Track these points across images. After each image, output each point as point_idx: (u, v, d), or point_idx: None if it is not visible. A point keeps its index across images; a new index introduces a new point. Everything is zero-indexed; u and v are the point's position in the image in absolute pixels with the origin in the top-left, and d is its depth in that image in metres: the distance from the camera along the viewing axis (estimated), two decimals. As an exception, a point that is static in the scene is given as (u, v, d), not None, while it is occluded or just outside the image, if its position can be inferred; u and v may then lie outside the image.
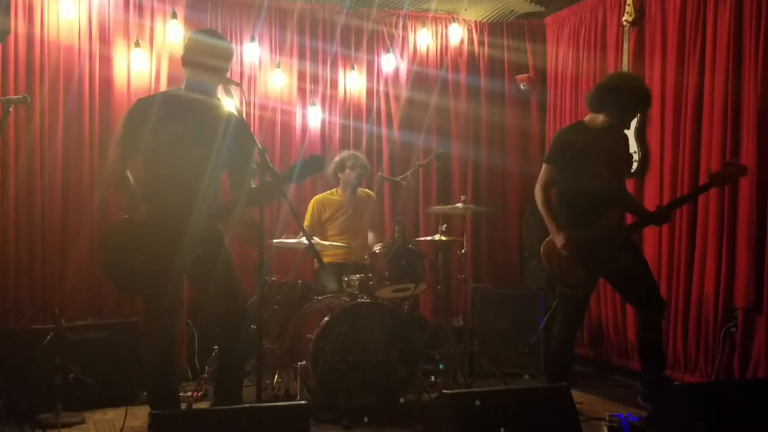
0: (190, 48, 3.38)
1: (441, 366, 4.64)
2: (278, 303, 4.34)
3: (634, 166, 4.87)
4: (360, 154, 5.14)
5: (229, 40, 5.36)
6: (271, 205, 5.28)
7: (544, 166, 3.91)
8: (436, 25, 6.06)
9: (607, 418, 3.77)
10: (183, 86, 3.40)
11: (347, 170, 5.02)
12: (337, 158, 5.12)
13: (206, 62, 3.30)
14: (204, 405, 4.14)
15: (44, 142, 4.71)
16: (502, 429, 2.72)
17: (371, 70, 5.88)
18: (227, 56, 3.42)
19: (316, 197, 5.15)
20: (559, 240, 3.77)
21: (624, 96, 3.81)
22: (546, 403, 2.95)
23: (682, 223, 4.53)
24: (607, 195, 3.85)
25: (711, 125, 4.38)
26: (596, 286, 3.94)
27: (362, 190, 5.19)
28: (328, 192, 5.15)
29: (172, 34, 5.03)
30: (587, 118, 3.95)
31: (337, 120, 5.77)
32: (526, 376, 5.01)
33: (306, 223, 5.03)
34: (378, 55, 5.88)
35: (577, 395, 3.68)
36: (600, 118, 3.88)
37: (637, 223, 4.04)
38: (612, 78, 4.02)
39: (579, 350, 5.39)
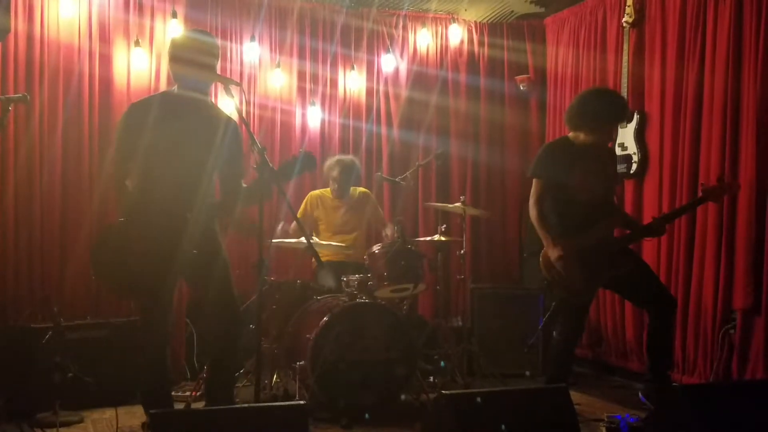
0: (179, 45, 3.37)
1: (443, 363, 4.63)
2: (277, 303, 4.34)
3: (633, 167, 4.87)
4: (348, 163, 5.06)
5: (228, 39, 5.39)
6: (270, 204, 5.31)
7: (534, 181, 3.90)
8: (436, 25, 6.06)
9: (606, 419, 3.77)
10: (176, 87, 3.39)
11: (331, 181, 5.06)
12: (326, 164, 5.11)
13: (197, 59, 3.28)
14: (202, 404, 4.14)
15: (44, 140, 4.70)
16: (502, 426, 2.72)
17: (371, 70, 5.88)
18: (216, 52, 3.40)
19: (312, 192, 5.16)
20: (554, 254, 3.77)
21: (597, 115, 3.85)
22: (545, 404, 2.96)
23: (681, 224, 4.53)
24: (597, 205, 3.86)
25: (710, 126, 4.38)
26: (597, 293, 3.94)
27: (356, 190, 5.18)
28: (324, 189, 5.16)
29: (173, 33, 5.03)
30: (570, 134, 3.97)
31: (336, 120, 5.78)
32: (527, 373, 5.01)
33: (298, 215, 5.02)
34: (378, 55, 5.89)
35: (575, 396, 3.68)
36: (581, 136, 3.91)
37: (630, 236, 4.02)
38: (583, 97, 4.00)
39: (578, 351, 5.35)
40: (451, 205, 4.85)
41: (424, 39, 5.99)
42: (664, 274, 4.65)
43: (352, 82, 5.82)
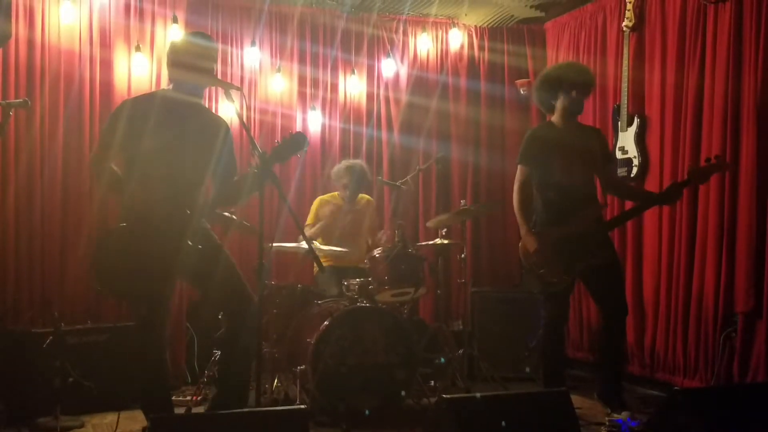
0: (179, 50, 3.37)
1: (442, 359, 4.64)
2: (278, 307, 4.33)
3: (634, 171, 4.87)
4: (360, 170, 5.08)
5: (229, 44, 5.41)
6: (271, 209, 5.32)
7: (518, 167, 3.97)
8: (437, 29, 6.07)
9: (607, 423, 3.77)
10: (171, 87, 3.38)
11: (341, 187, 5.06)
12: (334, 170, 5.13)
13: (196, 63, 3.29)
14: (203, 409, 4.14)
15: (44, 146, 4.71)
16: (503, 422, 2.73)
17: (371, 75, 5.89)
18: (214, 55, 3.44)
19: (321, 197, 5.19)
20: (530, 244, 3.82)
21: (557, 82, 3.93)
22: (546, 408, 2.95)
23: (682, 227, 4.53)
24: (581, 191, 3.89)
25: (711, 130, 4.38)
26: (574, 282, 3.96)
27: (362, 197, 5.20)
28: (330, 195, 5.17)
29: (173, 38, 5.04)
30: (553, 116, 4.03)
31: (337, 124, 5.79)
32: (527, 369, 4.99)
33: (309, 221, 5.05)
34: (378, 60, 5.90)
35: (576, 400, 3.68)
36: (558, 108, 3.96)
37: (641, 206, 4.05)
38: (546, 70, 4.14)
39: (579, 354, 5.39)
40: (452, 213, 4.84)
41: (424, 43, 5.99)
42: (665, 277, 4.65)
43: (353, 87, 5.82)
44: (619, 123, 4.97)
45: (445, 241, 4.72)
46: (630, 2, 4.91)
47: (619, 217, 4.31)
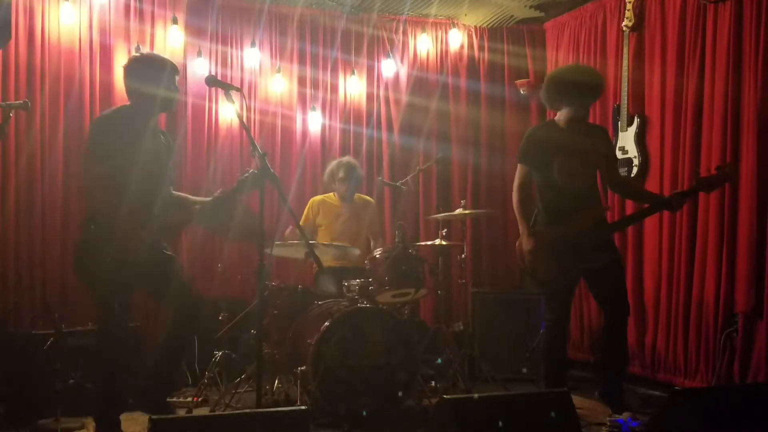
0: (161, 66, 3.46)
1: (439, 360, 4.64)
2: (278, 308, 4.33)
3: (634, 171, 4.87)
4: (351, 163, 5.09)
5: (229, 45, 5.43)
6: (271, 209, 5.31)
7: (518, 166, 3.95)
8: (436, 30, 6.07)
9: (608, 423, 3.77)
10: (134, 102, 3.47)
11: (338, 183, 5.04)
12: (329, 168, 5.13)
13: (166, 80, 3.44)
14: (204, 410, 4.14)
15: (45, 146, 4.72)
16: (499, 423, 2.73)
17: (371, 75, 5.90)
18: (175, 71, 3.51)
19: (314, 198, 5.17)
20: (527, 243, 3.81)
21: (572, 87, 3.86)
22: (547, 409, 2.95)
23: (683, 227, 4.54)
24: (582, 192, 3.87)
25: (711, 130, 4.38)
26: (571, 283, 3.94)
27: (360, 196, 5.20)
28: (327, 195, 5.16)
29: (173, 39, 5.05)
30: (557, 116, 3.99)
31: (337, 125, 5.79)
32: (524, 370, 4.98)
33: (302, 222, 5.04)
34: (378, 60, 5.90)
35: (577, 400, 3.67)
36: (563, 113, 3.92)
37: (643, 212, 4.06)
38: (559, 71, 4.10)
39: (579, 355, 5.39)
40: (452, 213, 4.85)
41: (424, 44, 6.00)
42: (666, 277, 4.66)
43: (353, 87, 5.83)
44: (619, 123, 4.98)
45: (445, 242, 4.72)
46: (630, 2, 4.91)
47: (622, 222, 4.30)
